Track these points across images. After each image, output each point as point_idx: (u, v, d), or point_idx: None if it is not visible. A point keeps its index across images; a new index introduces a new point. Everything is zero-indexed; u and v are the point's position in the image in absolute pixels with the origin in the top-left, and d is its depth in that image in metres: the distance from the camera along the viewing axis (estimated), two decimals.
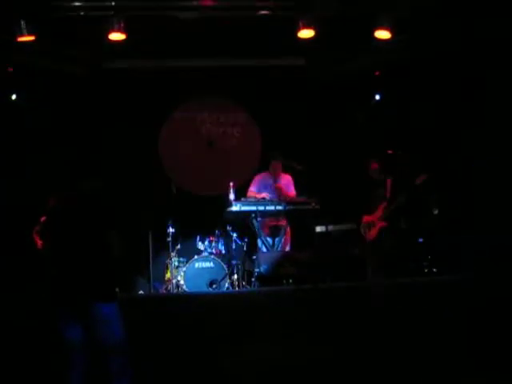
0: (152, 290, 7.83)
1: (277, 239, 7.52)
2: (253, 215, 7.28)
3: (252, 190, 7.74)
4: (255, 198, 7.46)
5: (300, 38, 7.32)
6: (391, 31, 7.20)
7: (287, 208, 7.33)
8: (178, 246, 7.81)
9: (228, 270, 7.47)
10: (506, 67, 7.30)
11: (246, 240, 7.67)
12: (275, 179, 7.80)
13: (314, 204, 7.31)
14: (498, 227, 7.18)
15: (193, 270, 7.47)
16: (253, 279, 7.17)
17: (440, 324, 5.22)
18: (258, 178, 7.87)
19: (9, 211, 7.80)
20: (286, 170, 7.90)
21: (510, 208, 7.15)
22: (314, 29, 7.17)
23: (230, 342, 5.12)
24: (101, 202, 4.23)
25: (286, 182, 7.84)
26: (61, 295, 4.14)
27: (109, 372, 4.09)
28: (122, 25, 7.00)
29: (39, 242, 7.24)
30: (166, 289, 7.73)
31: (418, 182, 7.10)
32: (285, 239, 7.62)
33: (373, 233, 7.30)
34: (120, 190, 7.58)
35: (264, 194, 7.58)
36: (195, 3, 7.11)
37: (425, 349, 5.10)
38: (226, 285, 7.37)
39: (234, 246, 7.67)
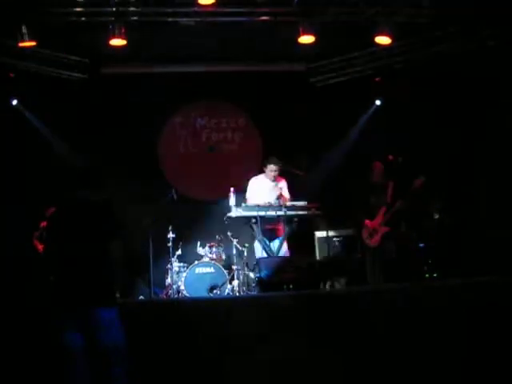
0: (152, 296, 7.82)
1: (277, 244, 7.48)
2: (253, 220, 7.24)
3: (249, 195, 7.62)
4: (257, 205, 7.37)
5: (301, 44, 7.34)
6: (391, 37, 7.22)
7: (288, 213, 7.30)
8: (179, 251, 7.79)
9: (228, 275, 7.46)
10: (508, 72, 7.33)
11: (246, 245, 7.64)
12: (275, 182, 7.69)
13: (314, 209, 7.29)
14: (499, 232, 7.19)
15: (193, 275, 7.45)
16: (253, 284, 7.15)
17: (441, 329, 5.21)
18: (254, 182, 7.76)
19: (9, 217, 7.81)
20: (283, 175, 7.84)
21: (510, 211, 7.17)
22: (315, 35, 7.20)
23: (231, 347, 5.11)
24: (102, 209, 4.23)
25: (282, 185, 7.79)
26: (61, 300, 4.15)
27: (109, 377, 4.08)
28: (123, 30, 7.04)
29: (40, 247, 7.28)
30: (167, 294, 7.72)
31: (416, 184, 7.10)
32: (285, 244, 7.58)
33: (376, 239, 7.28)
34: (120, 195, 7.59)
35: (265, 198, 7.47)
36: (196, 9, 7.13)
37: (426, 354, 5.09)
38: (227, 290, 7.36)
39: (234, 252, 7.65)
